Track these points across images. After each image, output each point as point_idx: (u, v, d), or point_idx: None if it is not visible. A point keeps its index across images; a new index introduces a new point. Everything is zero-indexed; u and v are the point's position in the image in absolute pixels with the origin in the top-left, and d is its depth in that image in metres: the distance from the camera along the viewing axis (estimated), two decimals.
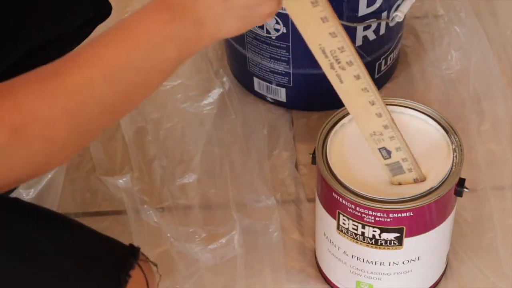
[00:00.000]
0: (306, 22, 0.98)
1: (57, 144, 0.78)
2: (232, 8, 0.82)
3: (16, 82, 0.77)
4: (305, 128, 1.52)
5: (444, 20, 1.68)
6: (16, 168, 0.78)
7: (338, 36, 1.00)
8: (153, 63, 0.80)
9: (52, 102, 0.76)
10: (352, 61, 1.02)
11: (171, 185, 1.43)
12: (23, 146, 0.76)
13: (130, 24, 0.80)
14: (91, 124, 0.79)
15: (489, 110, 1.53)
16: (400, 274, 1.20)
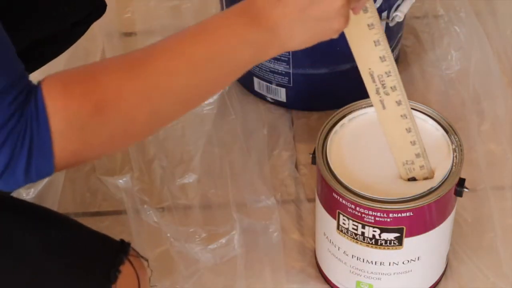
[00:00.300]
0: (361, 45, 1.01)
1: (135, 126, 0.83)
2: (306, 19, 0.86)
3: (98, 66, 0.84)
4: (305, 128, 1.52)
5: (444, 20, 1.68)
6: (94, 144, 0.82)
7: (387, 60, 1.03)
8: (230, 62, 0.86)
9: (135, 86, 0.81)
10: (396, 86, 1.05)
11: (171, 185, 1.43)
12: (103, 124, 0.81)
13: (215, 25, 0.85)
14: (168, 111, 0.85)
15: (489, 110, 1.53)
16: (400, 274, 1.20)
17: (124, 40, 1.67)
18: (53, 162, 0.81)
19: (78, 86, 0.81)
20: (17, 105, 0.79)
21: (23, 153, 0.79)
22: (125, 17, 1.71)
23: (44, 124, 0.79)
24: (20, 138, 0.79)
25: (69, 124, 0.80)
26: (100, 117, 0.81)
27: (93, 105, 0.80)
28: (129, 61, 0.83)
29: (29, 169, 0.80)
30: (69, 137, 0.80)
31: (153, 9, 1.71)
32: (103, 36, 1.62)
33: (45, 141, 0.80)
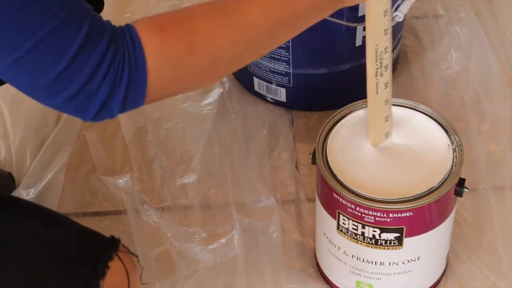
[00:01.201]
0: (375, 18, 1.02)
1: (219, 66, 0.92)
2: None
3: (191, 11, 0.91)
4: (305, 128, 1.52)
5: (444, 20, 1.68)
6: (183, 79, 0.90)
7: (388, 35, 1.03)
8: (301, 23, 0.97)
9: (225, 33, 0.90)
10: (388, 65, 1.05)
11: (171, 185, 1.43)
12: (194, 63, 0.89)
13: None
14: (246, 57, 0.95)
15: (489, 110, 1.53)
16: (400, 274, 1.20)
17: None
18: (146, 94, 0.88)
19: (174, 28, 0.88)
20: (109, 41, 0.84)
21: (122, 86, 0.85)
22: (125, 17, 1.71)
23: (141, 60, 0.85)
24: (119, 72, 0.85)
25: (164, 62, 0.87)
26: (192, 56, 0.88)
27: (187, 46, 0.88)
28: (219, 10, 0.91)
29: (126, 101, 0.86)
30: (163, 73, 0.87)
31: (153, 9, 1.71)
32: None
33: (142, 76, 0.86)
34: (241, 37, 0.92)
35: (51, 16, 0.80)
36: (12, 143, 1.48)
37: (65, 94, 0.83)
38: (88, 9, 0.85)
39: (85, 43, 0.82)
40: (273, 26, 0.94)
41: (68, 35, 0.82)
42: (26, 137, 1.48)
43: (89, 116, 0.86)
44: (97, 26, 0.84)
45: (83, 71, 0.83)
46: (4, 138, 1.49)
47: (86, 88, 0.83)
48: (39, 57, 0.81)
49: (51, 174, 1.41)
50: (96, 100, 0.85)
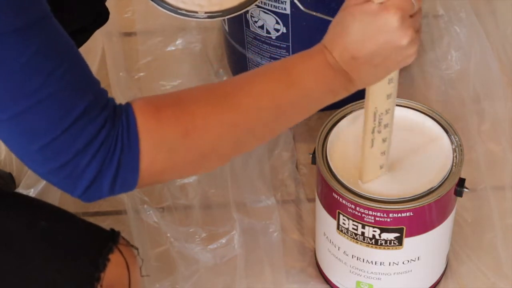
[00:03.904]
0: (378, 84, 1.01)
1: (218, 154, 0.90)
2: (381, 68, 0.95)
3: (188, 94, 0.89)
4: (305, 128, 1.52)
5: (444, 20, 1.67)
6: (177, 166, 0.88)
7: (392, 98, 1.04)
8: (312, 105, 0.95)
9: (222, 118, 0.88)
10: (389, 123, 1.06)
11: (171, 185, 1.43)
12: (189, 149, 0.86)
13: (300, 70, 0.92)
14: (250, 143, 0.93)
15: (489, 110, 1.53)
16: (400, 274, 1.20)
17: (124, 40, 1.67)
18: (138, 178, 0.85)
19: (170, 111, 0.86)
20: (106, 117, 0.82)
21: (113, 165, 0.83)
22: (125, 17, 1.71)
23: (135, 141, 0.84)
24: (111, 151, 0.83)
25: (158, 145, 0.85)
26: (187, 141, 0.86)
27: (183, 130, 0.85)
28: (218, 94, 0.89)
29: (115, 182, 0.84)
30: (156, 157, 0.85)
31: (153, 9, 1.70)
32: (103, 36, 1.62)
33: (134, 157, 0.84)
34: (240, 122, 0.89)
35: (54, 80, 0.79)
36: None
37: (53, 164, 0.82)
38: (94, 81, 0.84)
39: (83, 115, 0.81)
40: (279, 109, 0.91)
41: (68, 102, 0.80)
42: None
43: (77, 191, 0.84)
44: (98, 100, 0.83)
45: (75, 144, 0.81)
46: None
47: (75, 161, 0.82)
48: (33, 120, 0.80)
49: None
50: (85, 176, 0.83)
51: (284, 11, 1.37)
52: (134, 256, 0.98)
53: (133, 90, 1.57)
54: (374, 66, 0.93)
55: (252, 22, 1.42)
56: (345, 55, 0.92)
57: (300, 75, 0.92)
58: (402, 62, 0.95)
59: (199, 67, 1.61)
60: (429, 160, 1.15)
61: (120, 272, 0.95)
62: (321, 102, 0.95)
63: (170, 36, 1.66)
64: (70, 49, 0.82)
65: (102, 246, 0.94)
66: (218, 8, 1.15)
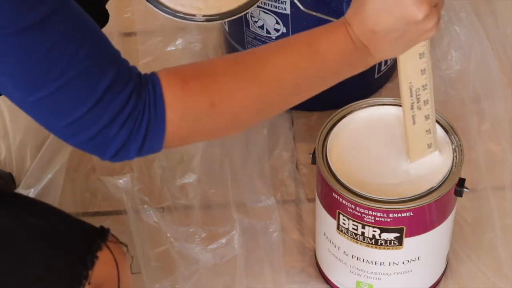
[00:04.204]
0: (408, 59, 1.02)
1: (241, 123, 0.94)
2: (400, 42, 0.96)
3: (213, 66, 0.92)
4: (305, 128, 1.52)
5: (444, 20, 1.67)
6: (201, 133, 0.92)
7: (427, 73, 1.05)
8: (332, 78, 0.97)
9: (247, 89, 0.91)
10: (429, 100, 1.07)
11: (171, 185, 1.43)
12: (213, 119, 0.90)
13: (322, 43, 0.94)
14: (270, 112, 0.96)
15: (489, 110, 1.53)
16: (400, 274, 1.20)
17: (124, 40, 1.67)
18: (163, 144, 0.89)
19: (196, 83, 0.89)
20: (132, 89, 0.85)
21: (139, 136, 0.87)
22: (125, 17, 1.71)
23: (161, 112, 0.87)
24: (138, 121, 0.86)
25: (184, 116, 0.88)
26: (212, 112, 0.89)
27: (208, 102, 0.88)
28: (242, 66, 0.92)
29: (141, 149, 0.88)
30: (181, 126, 0.88)
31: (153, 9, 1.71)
32: None
33: (160, 127, 0.87)
34: (264, 94, 0.92)
35: (78, 61, 0.82)
36: (12, 143, 1.48)
37: (83, 137, 0.85)
38: (116, 55, 0.87)
39: (108, 91, 0.84)
40: (300, 82, 0.94)
41: (91, 82, 0.83)
42: (26, 137, 1.48)
43: (106, 157, 0.88)
44: (122, 73, 0.85)
45: (103, 118, 0.84)
46: (4, 138, 1.49)
47: (104, 133, 0.85)
48: (60, 101, 0.83)
49: (51, 174, 1.41)
50: (113, 144, 0.86)
51: (284, 11, 1.37)
52: (124, 253, 0.98)
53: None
54: (392, 40, 0.95)
55: (252, 22, 1.42)
56: (364, 29, 0.94)
57: (323, 49, 0.94)
58: (420, 37, 0.97)
59: None
60: (429, 160, 1.15)
61: (109, 270, 0.95)
62: (340, 75, 0.97)
63: (170, 36, 1.66)
64: (90, 28, 0.85)
65: (91, 243, 0.95)
66: (216, 12, 1.15)
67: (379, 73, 1.53)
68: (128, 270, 1.00)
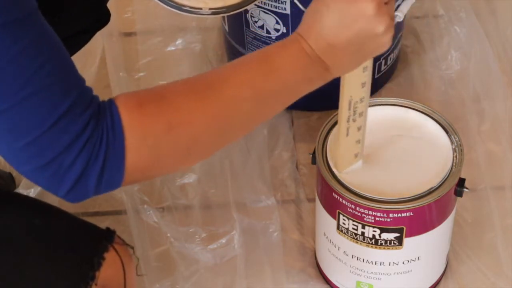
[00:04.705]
0: (353, 73, 1.01)
1: (203, 146, 0.90)
2: (358, 55, 0.95)
3: (170, 88, 0.89)
4: (305, 128, 1.52)
5: (444, 20, 1.67)
6: (162, 161, 0.88)
7: (366, 86, 1.04)
8: (291, 94, 0.95)
9: (206, 109, 0.88)
10: (364, 111, 1.07)
11: (171, 185, 1.43)
12: (173, 142, 0.87)
13: (277, 59, 0.92)
14: (232, 134, 0.93)
15: (489, 110, 1.53)
16: (400, 274, 1.20)
17: (124, 40, 1.67)
18: (123, 176, 0.85)
19: (153, 105, 0.86)
20: (91, 115, 0.82)
21: (98, 163, 0.83)
22: (125, 17, 1.71)
23: (120, 137, 0.83)
24: (96, 148, 0.82)
25: (143, 140, 0.85)
26: (171, 135, 0.86)
27: (166, 124, 0.85)
28: (199, 86, 0.89)
29: (101, 180, 0.84)
30: (141, 152, 0.85)
31: (153, 9, 1.71)
32: (103, 36, 1.62)
33: (119, 154, 0.84)
34: (223, 113, 0.89)
35: (38, 79, 0.79)
36: None
37: (38, 162, 0.82)
38: (80, 80, 0.84)
39: (68, 113, 0.81)
40: (258, 99, 0.92)
41: (53, 100, 0.80)
42: None
43: (61, 190, 0.84)
44: (83, 98, 0.83)
45: (60, 141, 0.81)
46: None
47: (60, 159, 0.82)
48: (18, 117, 0.80)
49: None
50: (70, 174, 0.82)
51: (284, 11, 1.37)
52: (130, 255, 0.98)
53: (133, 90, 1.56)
54: (350, 54, 0.94)
55: (252, 22, 1.42)
56: (321, 43, 0.92)
57: (278, 64, 0.92)
58: (377, 49, 0.95)
59: (199, 67, 1.61)
60: (429, 160, 1.15)
61: (115, 271, 0.95)
62: (298, 91, 0.95)
63: (170, 36, 1.66)
64: (57, 46, 0.82)
65: (97, 244, 0.94)
66: (222, 4, 1.15)
67: (379, 73, 1.53)
68: (134, 271, 1.00)
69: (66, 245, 0.94)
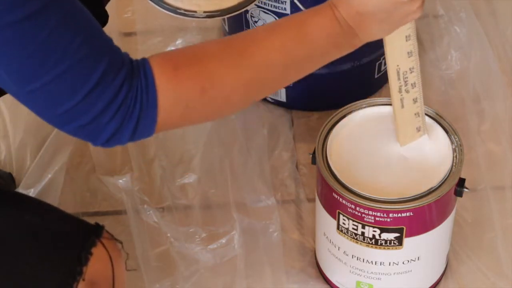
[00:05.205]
0: (394, 41, 1.03)
1: (232, 106, 0.95)
2: (387, 23, 0.98)
3: (204, 50, 0.93)
4: (305, 128, 1.52)
5: (444, 20, 1.67)
6: (193, 118, 0.93)
7: (413, 56, 1.05)
8: (320, 60, 0.99)
9: (237, 74, 0.92)
10: (416, 83, 1.07)
11: (171, 185, 1.43)
12: (205, 104, 0.91)
13: (310, 26, 0.96)
14: (259, 95, 0.98)
15: (489, 110, 1.53)
16: (400, 274, 1.20)
17: (124, 40, 1.67)
18: (155, 129, 0.90)
19: (187, 69, 0.90)
20: (124, 78, 0.86)
21: (132, 123, 0.88)
22: (125, 17, 1.71)
23: (153, 99, 0.88)
24: (130, 110, 0.87)
25: (175, 102, 0.89)
26: (204, 98, 0.90)
27: (199, 87, 0.90)
28: (232, 50, 0.93)
29: (134, 135, 0.89)
30: (173, 112, 0.90)
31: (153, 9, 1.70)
32: None
33: (152, 114, 0.88)
34: (255, 77, 0.93)
35: (72, 52, 0.83)
36: (12, 143, 1.48)
37: (77, 124, 0.87)
38: (109, 43, 0.88)
39: (101, 80, 0.85)
40: (289, 64, 0.95)
41: (85, 71, 0.84)
42: (26, 137, 1.48)
43: (98, 142, 0.89)
44: (115, 62, 0.87)
45: (96, 106, 0.85)
46: (4, 138, 1.49)
47: (97, 120, 0.86)
48: (55, 91, 0.84)
49: (51, 174, 1.41)
50: (106, 131, 0.88)
51: (284, 11, 1.37)
52: (118, 250, 0.98)
53: None
54: (379, 21, 0.97)
55: (252, 22, 1.42)
56: (350, 11, 0.95)
57: (310, 31, 0.95)
58: (406, 17, 0.98)
59: None
60: (429, 160, 1.15)
61: (103, 266, 0.96)
62: (327, 57, 0.98)
63: (170, 36, 1.66)
64: (83, 18, 0.86)
65: (85, 239, 0.95)
66: (217, 8, 1.15)
67: (379, 73, 1.53)
68: (122, 266, 1.00)
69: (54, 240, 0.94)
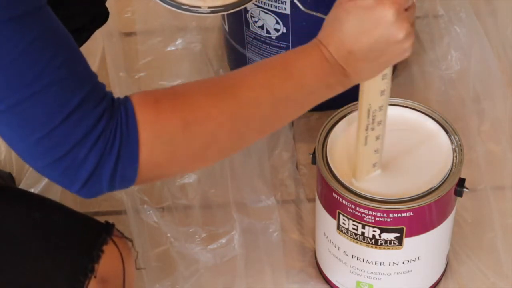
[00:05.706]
0: (372, 81, 1.01)
1: (217, 145, 0.89)
2: (377, 63, 0.96)
3: (187, 87, 0.89)
4: (305, 128, 1.52)
5: (444, 20, 1.67)
6: (176, 159, 0.87)
7: (385, 94, 1.04)
8: (310, 99, 0.95)
9: (222, 108, 0.87)
10: (382, 120, 1.06)
11: (171, 185, 1.43)
12: (188, 140, 0.86)
13: (296, 64, 0.92)
14: (248, 136, 0.92)
15: (489, 110, 1.53)
16: (400, 274, 1.20)
17: (124, 40, 1.67)
18: (137, 172, 0.84)
19: (169, 102, 0.85)
20: (104, 109, 0.82)
21: (112, 158, 0.82)
22: (125, 17, 1.71)
23: (134, 132, 0.83)
24: (110, 142, 0.82)
25: (157, 137, 0.84)
26: (187, 133, 0.85)
27: (182, 121, 0.85)
28: (217, 86, 0.89)
29: (115, 175, 0.83)
30: (155, 149, 0.84)
31: (153, 9, 1.71)
32: (103, 36, 1.62)
33: (133, 149, 0.83)
34: (240, 113, 0.89)
35: (51, 70, 0.79)
36: None
37: (51, 156, 0.81)
38: (92, 75, 0.84)
39: (81, 106, 0.81)
40: (275, 102, 0.91)
41: (65, 94, 0.80)
42: None
43: (76, 185, 0.83)
44: (96, 91, 0.83)
45: (73, 135, 0.81)
46: None
47: (74, 153, 0.81)
48: (31, 111, 0.79)
49: None
50: (84, 168, 0.82)
51: (284, 11, 1.37)
52: (129, 248, 0.98)
53: (133, 90, 1.57)
54: (371, 61, 0.94)
55: (252, 22, 1.42)
56: (341, 50, 0.92)
57: (298, 69, 0.92)
58: (398, 56, 0.96)
59: (199, 67, 1.61)
60: (429, 160, 1.15)
61: (114, 264, 0.96)
62: (317, 97, 0.95)
63: (170, 36, 1.66)
64: (67, 41, 0.82)
65: (97, 237, 0.94)
66: (221, 3, 1.15)
67: None
68: (133, 264, 1.00)
69: (65, 238, 0.94)
